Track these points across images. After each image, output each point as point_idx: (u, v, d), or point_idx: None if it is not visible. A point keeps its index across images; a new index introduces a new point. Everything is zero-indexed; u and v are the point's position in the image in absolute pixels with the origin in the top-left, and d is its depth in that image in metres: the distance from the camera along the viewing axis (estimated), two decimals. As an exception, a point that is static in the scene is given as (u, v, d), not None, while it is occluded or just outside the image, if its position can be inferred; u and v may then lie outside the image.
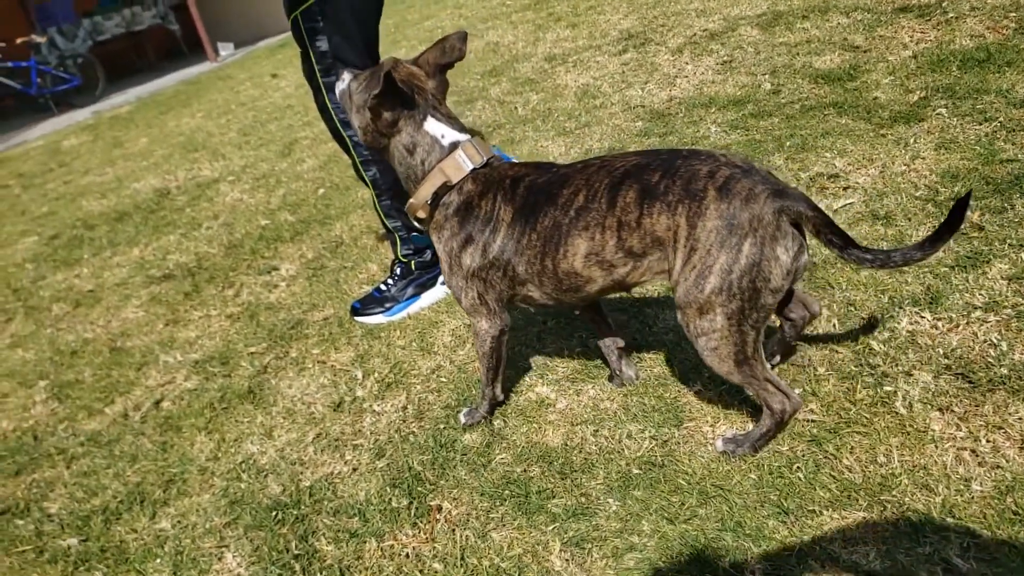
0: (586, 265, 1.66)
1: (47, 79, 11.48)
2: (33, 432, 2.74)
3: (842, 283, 2.17)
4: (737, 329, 1.53)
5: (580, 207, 1.64)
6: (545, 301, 1.82)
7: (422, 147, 1.83)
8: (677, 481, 1.72)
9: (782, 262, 1.47)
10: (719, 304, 1.50)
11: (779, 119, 3.28)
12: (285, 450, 2.25)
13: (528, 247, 1.72)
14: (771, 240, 1.45)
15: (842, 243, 1.47)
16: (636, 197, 1.57)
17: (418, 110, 1.81)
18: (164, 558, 1.96)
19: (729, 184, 1.48)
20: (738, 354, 1.57)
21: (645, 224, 1.56)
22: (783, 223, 1.46)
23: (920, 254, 1.45)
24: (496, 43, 6.31)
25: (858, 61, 3.57)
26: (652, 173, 1.57)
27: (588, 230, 1.63)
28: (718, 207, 1.47)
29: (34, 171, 7.48)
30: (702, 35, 4.69)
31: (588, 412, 2.01)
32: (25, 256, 4.81)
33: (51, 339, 3.48)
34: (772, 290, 1.49)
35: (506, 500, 1.82)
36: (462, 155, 1.80)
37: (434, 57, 1.86)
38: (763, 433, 1.69)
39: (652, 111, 3.83)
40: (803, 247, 1.50)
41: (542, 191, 1.71)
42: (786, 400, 1.62)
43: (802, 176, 2.79)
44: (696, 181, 1.51)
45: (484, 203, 1.78)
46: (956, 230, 1.40)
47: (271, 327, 2.96)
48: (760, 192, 1.46)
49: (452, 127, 1.84)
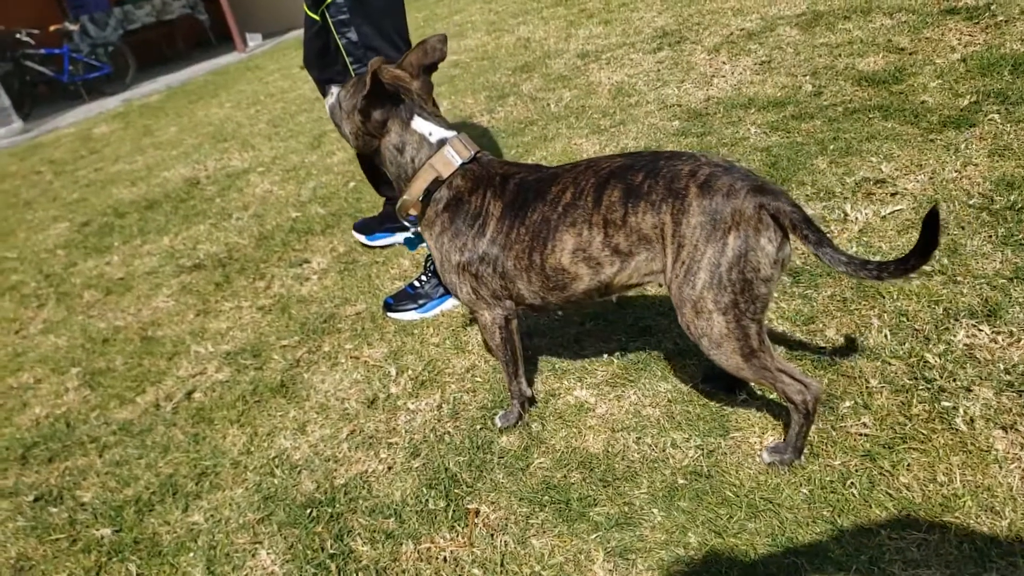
0: (573, 261, 1.69)
1: (79, 67, 11.56)
2: (66, 419, 2.73)
3: (893, 293, 2.11)
4: (736, 324, 1.55)
5: (567, 204, 1.68)
6: (533, 300, 1.84)
7: (411, 145, 1.87)
8: (724, 493, 1.67)
9: (768, 251, 1.50)
10: (712, 300, 1.53)
11: (821, 121, 3.22)
12: (319, 446, 2.22)
13: (516, 241, 1.75)
14: (755, 231, 1.49)
15: (816, 240, 1.48)
16: (621, 196, 1.61)
17: (404, 110, 1.86)
18: (197, 552, 1.94)
19: (710, 181, 1.53)
20: (743, 348, 1.58)
21: (631, 222, 1.60)
22: (764, 216, 1.49)
23: (895, 271, 1.44)
24: (527, 39, 6.26)
25: (904, 63, 3.49)
26: (636, 174, 1.62)
27: (575, 226, 1.67)
28: (700, 203, 1.52)
29: (65, 158, 7.52)
30: (739, 34, 4.62)
31: (630, 418, 1.96)
32: (57, 242, 4.83)
33: (83, 326, 3.48)
34: (763, 279, 1.52)
35: (546, 506, 1.78)
36: (450, 151, 1.84)
37: (417, 59, 1.91)
38: (798, 432, 1.67)
39: (689, 110, 3.77)
40: (785, 239, 1.53)
41: (531, 188, 1.76)
42: (805, 389, 1.61)
43: (847, 181, 2.72)
44: (678, 180, 1.56)
45: (474, 198, 1.82)
46: (933, 252, 1.38)
47: (303, 320, 2.94)
48: (740, 187, 1.51)
49: (439, 125, 1.89)
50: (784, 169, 2.91)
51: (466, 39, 7.02)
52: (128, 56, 12.03)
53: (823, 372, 1.93)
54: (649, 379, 2.08)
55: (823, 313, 2.14)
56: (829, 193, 2.69)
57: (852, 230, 2.45)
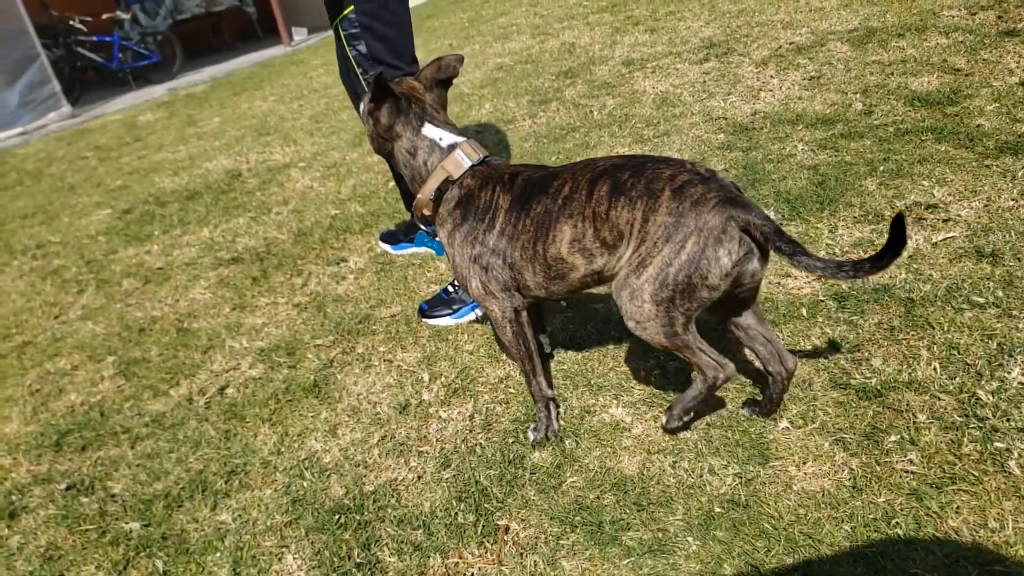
0: (571, 251, 1.80)
1: (128, 54, 11.77)
2: (100, 408, 2.76)
3: (944, 324, 2.05)
4: (665, 314, 1.67)
5: (566, 196, 1.80)
6: (538, 291, 1.94)
7: (423, 150, 2.03)
8: (762, 524, 1.63)
9: (722, 264, 1.58)
10: (649, 292, 1.64)
11: (871, 141, 3.14)
12: (349, 450, 2.21)
13: (523, 232, 1.87)
14: (715, 242, 1.57)
15: (791, 250, 1.54)
16: (608, 192, 1.72)
17: (415, 117, 2.03)
18: (224, 552, 1.94)
19: (684, 187, 1.62)
20: (666, 330, 1.69)
21: (612, 216, 1.71)
22: (730, 229, 1.57)
23: (871, 269, 1.51)
24: (572, 44, 6.22)
25: (959, 85, 3.39)
26: (624, 172, 1.72)
27: (572, 218, 1.78)
28: (669, 205, 1.61)
29: (111, 144, 7.64)
30: (788, 48, 4.54)
31: (666, 441, 1.92)
32: (99, 228, 4.90)
33: (120, 314, 3.52)
34: (709, 287, 1.62)
35: (577, 527, 1.74)
36: (461, 154, 1.99)
37: (431, 73, 2.12)
38: (694, 395, 1.81)
39: (735, 124, 3.71)
40: (751, 253, 1.60)
41: (537, 183, 1.88)
42: (718, 368, 1.74)
43: (897, 204, 2.65)
44: (657, 182, 1.65)
45: (484, 194, 1.95)
46: (901, 250, 1.47)
47: (338, 320, 2.94)
48: (711, 198, 1.58)
49: (449, 131, 2.04)
50: (832, 189, 2.84)
51: (510, 42, 7.00)
52: (176, 46, 12.23)
53: (868, 403, 1.87)
54: (687, 401, 2.03)
55: (869, 341, 2.08)
56: (878, 216, 2.62)
57: (901, 256, 2.38)
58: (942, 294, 2.16)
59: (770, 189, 2.96)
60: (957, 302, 2.11)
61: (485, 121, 4.88)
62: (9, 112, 9.96)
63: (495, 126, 4.74)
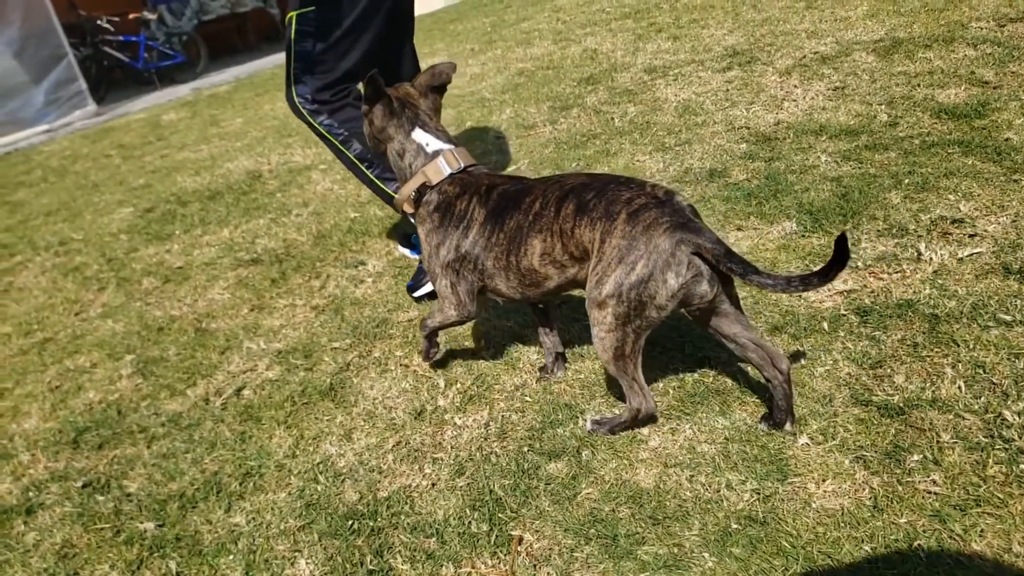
0: (542, 263, 1.92)
1: (153, 54, 11.90)
2: (118, 406, 2.77)
3: (969, 342, 2.01)
4: (620, 328, 1.78)
5: (536, 213, 1.91)
6: (512, 295, 2.06)
7: (410, 152, 2.18)
8: (780, 542, 1.60)
9: (670, 285, 1.69)
10: (611, 304, 1.75)
11: (896, 154, 3.10)
12: (364, 455, 2.21)
13: (496, 244, 1.99)
14: (664, 265, 1.68)
15: (742, 270, 1.64)
16: (573, 210, 1.83)
17: (408, 121, 2.17)
18: (237, 555, 1.94)
19: (639, 211, 1.72)
20: (618, 349, 1.82)
21: (576, 234, 1.83)
22: (680, 252, 1.67)
23: (819, 282, 1.60)
24: (594, 50, 6.21)
25: (987, 98, 3.35)
26: (588, 192, 1.83)
27: (542, 233, 1.90)
28: (623, 229, 1.72)
29: (134, 143, 7.72)
30: (813, 58, 4.51)
31: (684, 454, 1.90)
32: (120, 227, 4.94)
33: (140, 313, 3.54)
34: (656, 306, 1.73)
35: (592, 540, 1.73)
36: (442, 161, 2.12)
37: (426, 80, 2.25)
38: (621, 422, 1.98)
39: (757, 134, 3.68)
40: (699, 276, 1.70)
41: (511, 198, 1.99)
42: (644, 402, 1.90)
43: (922, 218, 2.61)
44: (616, 204, 1.76)
45: (460, 203, 2.06)
46: (845, 264, 1.55)
47: (355, 323, 2.94)
48: (663, 222, 1.69)
49: (438, 138, 2.18)
50: (855, 201, 2.81)
51: (532, 47, 7.00)
52: (200, 46, 12.35)
53: (890, 420, 1.84)
54: (706, 414, 2.01)
55: (892, 357, 2.05)
56: (902, 230, 2.58)
57: (926, 271, 2.35)
58: (968, 311, 2.12)
59: (792, 200, 2.93)
60: (983, 319, 2.07)
61: (505, 127, 4.88)
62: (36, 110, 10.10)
63: (515, 132, 4.73)
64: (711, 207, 3.08)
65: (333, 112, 2.86)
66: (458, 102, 5.78)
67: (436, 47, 8.49)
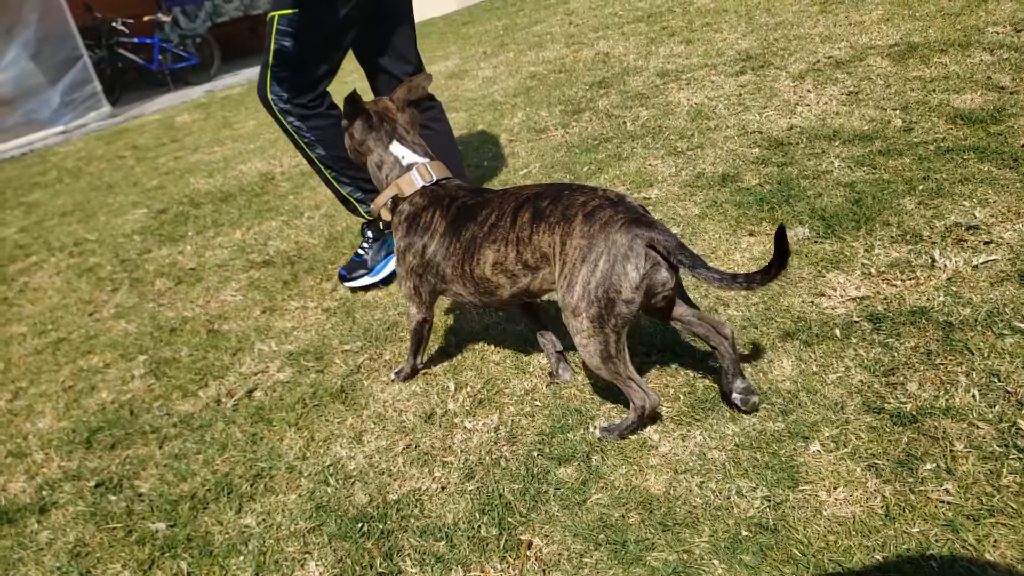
0: (494, 272, 2.03)
1: (167, 56, 11.98)
2: (130, 406, 2.79)
3: (984, 349, 2.00)
4: (600, 330, 1.83)
5: (491, 224, 2.02)
6: (472, 299, 2.21)
7: (387, 164, 2.29)
8: (791, 550, 1.59)
9: (631, 278, 1.76)
10: (583, 308, 1.82)
11: (911, 159, 3.08)
12: (374, 458, 2.21)
13: (453, 254, 2.12)
14: (623, 259, 1.75)
15: (691, 263, 1.73)
16: (529, 218, 1.93)
17: (386, 135, 2.29)
18: (247, 556, 1.95)
19: (594, 212, 1.82)
20: (603, 352, 1.87)
21: (535, 240, 1.92)
22: (636, 246, 1.76)
23: (762, 280, 1.69)
24: (606, 54, 6.21)
25: (1004, 103, 3.32)
26: (543, 200, 1.93)
27: (495, 243, 2.00)
28: (582, 229, 1.81)
29: (148, 144, 7.77)
30: (826, 62, 4.49)
31: (694, 460, 1.90)
32: (134, 228, 4.98)
33: (152, 314, 3.57)
34: (624, 300, 1.79)
35: (601, 545, 1.72)
36: (415, 174, 2.24)
37: (403, 94, 2.36)
38: (628, 425, 1.99)
39: (770, 138, 3.67)
40: (657, 265, 1.79)
41: (468, 210, 2.11)
42: (646, 398, 1.92)
43: (936, 224, 2.60)
44: (571, 208, 1.86)
45: (426, 215, 2.19)
46: (787, 261, 1.64)
47: (367, 326, 2.95)
48: (618, 220, 1.78)
49: (414, 151, 2.29)
50: (868, 207, 2.79)
51: (544, 50, 7.01)
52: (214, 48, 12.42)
53: (902, 429, 1.83)
54: (716, 420, 2.00)
55: (905, 365, 2.03)
56: (916, 236, 2.57)
57: (940, 278, 2.33)
58: (982, 319, 2.11)
59: (805, 206, 2.92)
60: (998, 327, 2.06)
61: (517, 130, 4.89)
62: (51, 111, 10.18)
63: (527, 135, 4.74)
64: (723, 212, 3.07)
65: (304, 118, 2.97)
66: (470, 105, 5.80)
67: (449, 50, 8.51)
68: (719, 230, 2.95)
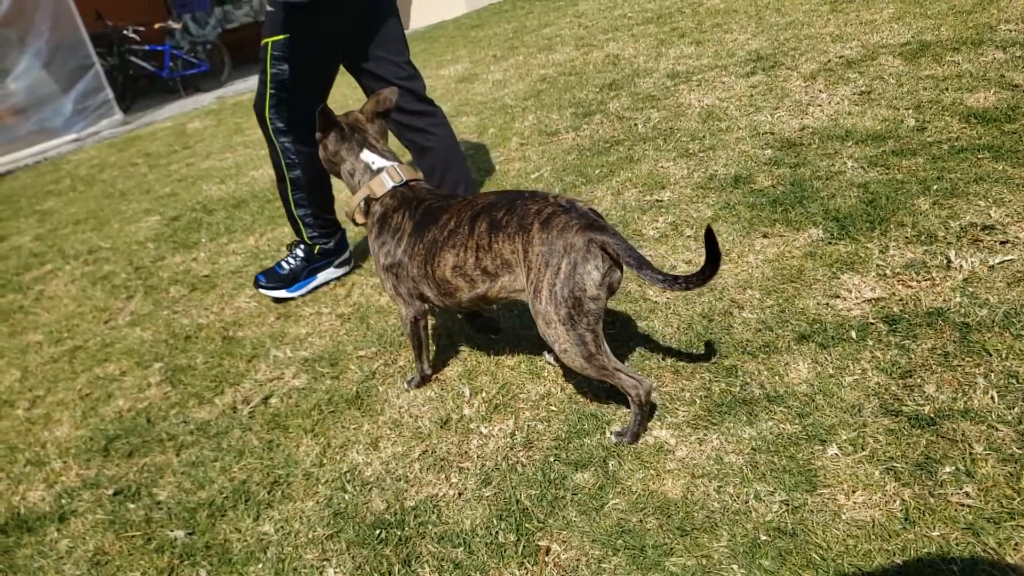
0: (454, 275, 2.13)
1: (178, 63, 12.05)
2: (147, 414, 2.81)
3: (1002, 351, 1.98)
4: (574, 332, 1.91)
5: (451, 229, 2.12)
6: (436, 301, 2.28)
7: (358, 171, 2.42)
8: (810, 555, 1.59)
9: (593, 276, 1.85)
10: (554, 312, 1.90)
11: (924, 159, 3.07)
12: (390, 464, 2.22)
13: (417, 254, 2.22)
14: (583, 259, 1.84)
15: (637, 264, 1.82)
16: (487, 228, 2.03)
17: (357, 144, 2.43)
18: (266, 564, 1.96)
19: (550, 219, 1.91)
20: (584, 352, 1.93)
21: (495, 248, 2.01)
22: (592, 247, 1.85)
23: (698, 282, 1.81)
24: (616, 56, 6.20)
25: (1018, 101, 3.30)
26: (499, 210, 2.02)
27: (455, 248, 2.10)
28: (540, 236, 1.90)
29: (160, 151, 7.82)
30: (838, 62, 4.47)
31: (711, 465, 1.89)
32: (147, 235, 5.01)
33: (167, 321, 3.59)
34: (591, 298, 1.87)
35: (619, 551, 1.72)
36: (385, 176, 2.36)
37: (371, 107, 2.49)
38: (635, 421, 2.02)
39: (782, 140, 3.66)
40: (613, 265, 1.89)
41: (432, 213, 2.21)
42: (638, 384, 1.97)
43: (951, 225, 2.58)
44: (527, 217, 1.95)
45: (396, 216, 2.30)
46: (719, 262, 1.76)
47: (381, 331, 2.96)
48: (573, 225, 1.87)
49: (383, 157, 2.42)
50: (883, 208, 2.78)
51: (554, 53, 7.01)
52: (224, 54, 12.48)
53: (921, 431, 1.82)
54: (733, 423, 2.00)
55: (922, 367, 2.02)
56: (931, 237, 2.55)
57: (956, 279, 2.32)
58: (1000, 320, 2.10)
59: (818, 207, 2.91)
60: (1016, 328, 2.05)
61: (528, 133, 4.89)
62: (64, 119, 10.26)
63: (538, 138, 4.74)
64: (736, 214, 3.06)
65: (295, 142, 3.17)
66: (480, 109, 5.80)
67: (458, 54, 8.52)
68: (732, 232, 2.95)
